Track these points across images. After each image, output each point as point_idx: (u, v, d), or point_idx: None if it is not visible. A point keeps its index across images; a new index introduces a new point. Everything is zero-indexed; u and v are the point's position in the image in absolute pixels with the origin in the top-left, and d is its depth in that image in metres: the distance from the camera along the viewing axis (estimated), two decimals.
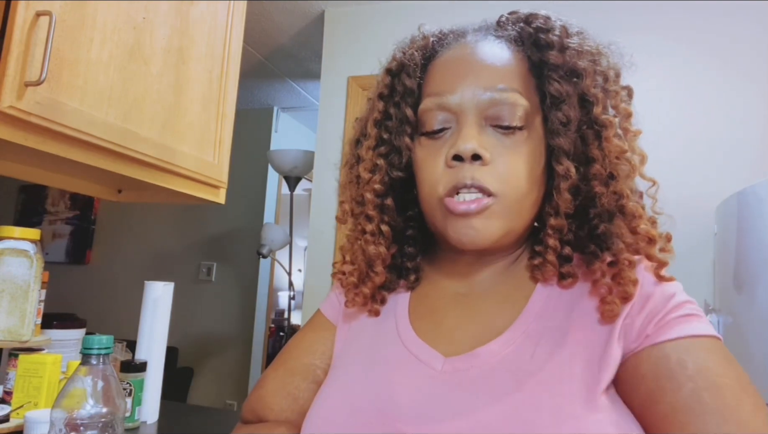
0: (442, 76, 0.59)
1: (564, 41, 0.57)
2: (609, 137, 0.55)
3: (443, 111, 0.57)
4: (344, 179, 0.68)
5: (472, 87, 0.56)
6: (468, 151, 0.54)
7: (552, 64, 0.56)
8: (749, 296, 1.51)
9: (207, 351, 3.60)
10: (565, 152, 0.55)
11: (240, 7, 1.38)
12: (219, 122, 1.31)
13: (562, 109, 0.55)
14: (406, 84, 0.62)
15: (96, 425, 0.58)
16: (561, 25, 0.59)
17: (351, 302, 0.65)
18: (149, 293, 1.16)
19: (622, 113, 0.58)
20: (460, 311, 0.60)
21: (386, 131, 0.63)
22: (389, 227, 0.62)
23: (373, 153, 0.63)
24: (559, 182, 0.56)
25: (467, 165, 0.54)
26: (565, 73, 0.56)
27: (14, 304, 0.98)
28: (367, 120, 0.65)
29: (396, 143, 0.62)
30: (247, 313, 3.60)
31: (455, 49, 0.61)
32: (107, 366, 0.61)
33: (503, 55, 0.58)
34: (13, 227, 1.00)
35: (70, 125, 0.91)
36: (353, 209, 0.65)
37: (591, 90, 0.56)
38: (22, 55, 0.84)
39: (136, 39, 1.07)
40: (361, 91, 2.46)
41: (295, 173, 3.14)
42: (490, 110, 0.56)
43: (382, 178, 0.62)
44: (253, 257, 3.45)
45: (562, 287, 0.57)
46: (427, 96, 0.59)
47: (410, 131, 0.61)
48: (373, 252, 0.61)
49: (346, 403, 0.56)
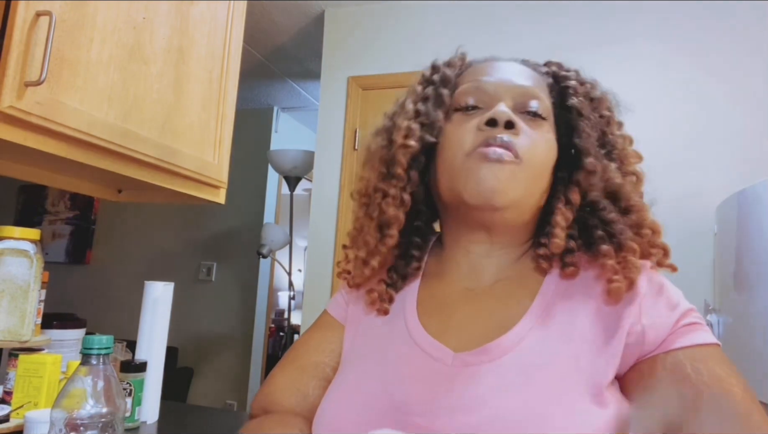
0: (480, 70, 0.66)
1: (580, 77, 0.68)
2: (624, 148, 0.64)
3: (479, 92, 0.63)
4: (372, 150, 0.71)
5: (506, 79, 0.63)
6: (504, 116, 0.58)
7: (573, 88, 0.65)
8: (749, 296, 1.51)
9: (207, 351, 3.60)
10: (590, 154, 0.61)
11: (240, 7, 1.38)
12: (219, 122, 1.31)
13: (586, 121, 0.63)
14: (446, 74, 0.67)
15: (96, 425, 0.58)
16: (575, 69, 0.69)
17: (360, 277, 0.67)
18: (149, 293, 1.16)
19: (628, 136, 0.66)
20: (469, 306, 0.61)
21: (423, 106, 0.67)
22: (410, 198, 0.65)
23: (409, 122, 0.66)
24: (583, 176, 0.61)
25: (499, 129, 0.58)
26: (584, 97, 0.65)
27: (14, 304, 0.98)
28: (404, 101, 0.70)
29: (430, 118, 0.65)
30: (247, 313, 3.60)
31: (489, 60, 0.69)
32: (107, 366, 0.61)
33: (529, 71, 0.67)
34: (13, 227, 1.00)
35: (70, 125, 0.91)
36: (375, 180, 0.67)
37: (605, 113, 0.64)
38: (22, 55, 0.84)
39: (136, 39, 1.07)
40: (361, 91, 2.46)
41: (295, 173, 3.14)
42: (521, 98, 0.62)
43: (417, 141, 0.65)
44: (253, 257, 3.45)
45: (565, 277, 0.60)
46: (465, 83, 0.65)
47: (445, 110, 0.65)
48: (393, 214, 0.64)
49: (357, 399, 0.57)
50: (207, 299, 3.64)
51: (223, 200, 1.35)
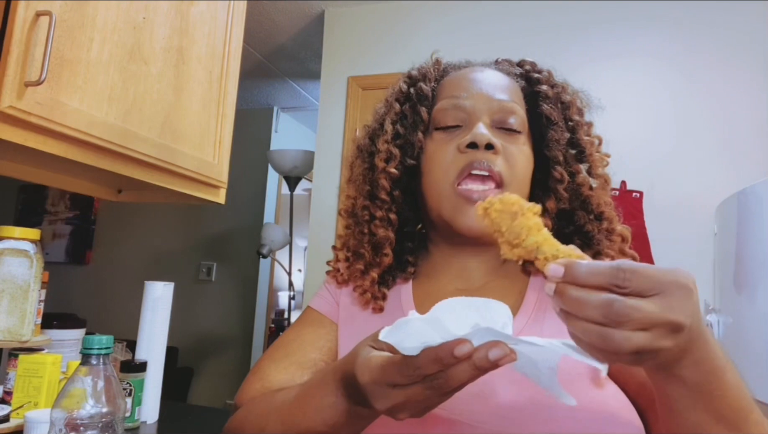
0: (457, 84, 0.69)
1: (551, 80, 0.70)
2: (592, 153, 0.67)
3: (458, 110, 0.66)
4: (354, 172, 0.74)
5: (483, 95, 0.66)
6: (484, 139, 0.61)
7: (544, 94, 0.68)
8: (749, 296, 1.51)
9: (207, 351, 3.60)
10: (559, 162, 0.66)
11: (240, 7, 1.38)
12: (219, 122, 1.31)
13: (555, 129, 0.67)
14: (422, 90, 0.70)
15: (96, 425, 0.58)
16: (547, 70, 0.72)
17: (359, 289, 0.69)
18: (149, 293, 1.16)
19: (597, 138, 0.70)
20: None
21: (402, 127, 0.70)
22: (396, 216, 0.69)
23: (389, 145, 0.69)
24: (555, 184, 0.66)
25: (481, 151, 0.61)
26: (555, 103, 0.68)
27: (14, 304, 0.98)
28: (383, 120, 0.72)
29: (410, 138, 0.69)
30: (247, 313, 3.60)
31: (465, 70, 0.72)
32: (107, 366, 0.61)
33: (504, 79, 0.69)
34: (13, 227, 1.00)
35: (70, 125, 0.91)
36: (361, 200, 0.70)
37: (575, 117, 0.68)
38: (22, 55, 0.84)
39: (136, 39, 1.07)
40: (361, 91, 2.46)
41: (295, 173, 3.14)
42: (498, 114, 0.65)
43: (396, 165, 0.68)
44: (253, 257, 3.44)
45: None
46: (443, 99, 0.68)
47: (423, 129, 0.68)
48: (383, 235, 0.68)
49: None
50: (207, 299, 3.64)
51: (223, 200, 1.35)
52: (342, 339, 0.69)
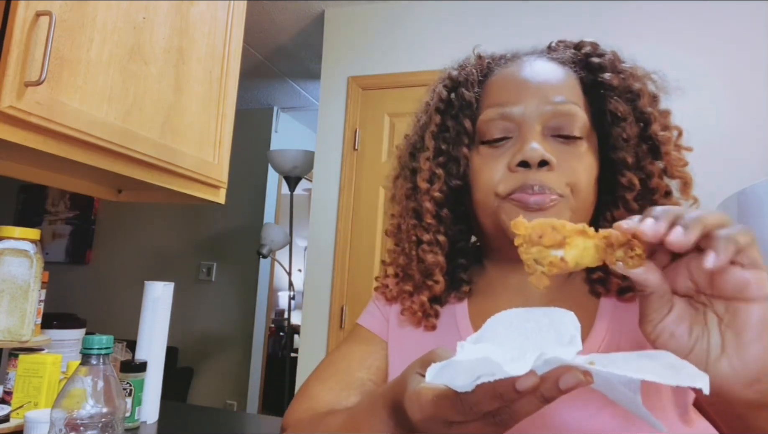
0: (503, 88, 0.60)
1: (616, 65, 0.61)
2: (669, 152, 0.58)
3: (506, 120, 0.58)
4: (397, 192, 0.68)
5: (534, 99, 0.57)
6: (536, 157, 0.54)
7: (608, 84, 0.59)
8: None
9: (207, 351, 3.60)
10: (628, 166, 0.57)
11: (240, 7, 1.38)
12: (219, 122, 1.31)
13: (623, 126, 0.58)
14: (464, 97, 0.62)
15: (96, 425, 0.58)
16: (612, 51, 0.63)
17: (408, 311, 0.64)
18: (149, 293, 1.16)
19: (676, 129, 0.61)
20: None
21: (444, 142, 0.63)
22: (445, 237, 0.63)
23: (431, 163, 0.63)
24: (623, 192, 0.57)
25: (533, 171, 0.54)
26: (622, 93, 0.59)
27: (14, 304, 0.98)
28: (423, 133, 0.66)
29: (454, 153, 0.62)
30: (247, 313, 3.60)
31: (513, 66, 0.62)
32: (107, 366, 0.61)
33: (559, 72, 0.60)
34: (13, 227, 1.00)
35: (70, 125, 0.91)
36: (407, 220, 0.65)
37: (647, 109, 0.59)
38: (22, 55, 0.84)
39: (136, 39, 1.07)
40: (361, 91, 2.46)
41: (295, 173, 3.14)
42: (552, 121, 0.57)
43: (441, 187, 0.62)
44: (253, 257, 3.45)
45: (623, 301, 0.57)
46: (488, 107, 0.60)
47: (468, 142, 0.61)
48: (432, 261, 0.62)
49: None
50: (207, 299, 3.64)
51: (223, 200, 1.35)
52: (392, 357, 0.65)
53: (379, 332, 0.68)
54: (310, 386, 0.66)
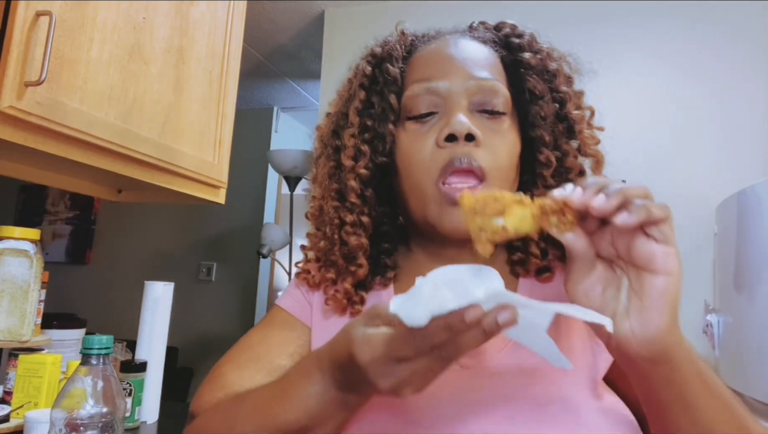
0: (428, 64, 0.61)
1: (534, 45, 0.63)
2: (582, 130, 0.60)
3: (432, 95, 0.58)
4: (319, 172, 0.66)
5: (460, 74, 0.58)
6: (463, 129, 0.55)
7: (527, 63, 0.61)
8: (749, 296, 1.51)
9: (207, 351, 3.60)
10: (546, 143, 0.59)
11: (240, 7, 1.38)
12: (219, 122, 1.31)
13: (541, 104, 0.60)
14: (389, 72, 0.61)
15: (96, 425, 0.58)
16: (530, 33, 0.65)
17: (332, 299, 0.62)
18: (149, 293, 1.16)
19: (588, 109, 0.62)
20: None
21: (369, 118, 0.62)
22: (369, 218, 0.61)
23: (356, 140, 0.62)
24: (541, 169, 0.59)
25: (460, 144, 0.55)
26: (539, 73, 0.61)
27: (14, 304, 0.98)
28: (347, 108, 0.65)
29: (380, 130, 0.61)
30: (247, 313, 3.60)
31: (436, 43, 0.63)
32: (107, 366, 0.61)
33: (482, 50, 0.62)
34: (13, 227, 1.00)
35: (70, 125, 0.91)
36: (329, 202, 0.63)
37: (563, 88, 0.61)
38: (22, 55, 0.84)
39: (136, 39, 1.07)
40: None
41: (295, 173, 3.13)
42: (477, 96, 0.58)
43: (367, 164, 0.61)
44: (253, 257, 3.44)
45: (541, 281, 0.59)
46: (413, 83, 0.60)
47: (393, 118, 0.61)
48: (355, 243, 0.60)
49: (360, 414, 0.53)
50: (207, 299, 3.64)
51: (223, 200, 1.35)
52: (315, 344, 0.62)
53: (301, 316, 0.65)
54: (225, 371, 0.63)
